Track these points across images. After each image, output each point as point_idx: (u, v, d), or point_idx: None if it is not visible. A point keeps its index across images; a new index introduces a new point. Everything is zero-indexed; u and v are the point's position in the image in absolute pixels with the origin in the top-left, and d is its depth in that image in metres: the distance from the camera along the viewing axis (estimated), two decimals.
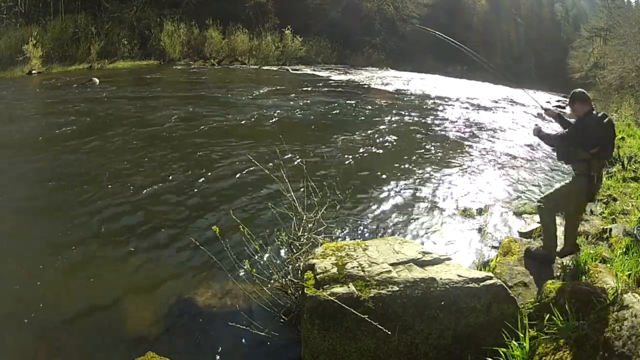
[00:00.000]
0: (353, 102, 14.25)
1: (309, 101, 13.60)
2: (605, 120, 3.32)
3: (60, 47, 18.90)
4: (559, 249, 3.83)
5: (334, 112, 12.10)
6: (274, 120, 10.37)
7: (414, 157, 8.07)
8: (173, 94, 13.13)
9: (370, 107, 13.44)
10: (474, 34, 35.43)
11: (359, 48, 31.22)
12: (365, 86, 19.32)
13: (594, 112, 3.43)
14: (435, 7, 35.71)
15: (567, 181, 3.75)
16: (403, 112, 13.00)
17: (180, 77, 17.79)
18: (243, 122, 9.91)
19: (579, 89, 3.63)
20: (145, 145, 7.50)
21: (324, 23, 30.07)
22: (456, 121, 12.43)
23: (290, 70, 23.47)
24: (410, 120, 11.82)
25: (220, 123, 9.61)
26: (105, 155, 6.86)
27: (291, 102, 13.15)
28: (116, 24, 21.94)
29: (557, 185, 3.87)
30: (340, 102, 13.81)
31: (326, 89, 17.20)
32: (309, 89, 16.68)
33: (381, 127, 10.55)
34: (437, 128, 11.14)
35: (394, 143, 9.05)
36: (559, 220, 4.00)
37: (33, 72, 16.22)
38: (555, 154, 3.84)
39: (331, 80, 20.35)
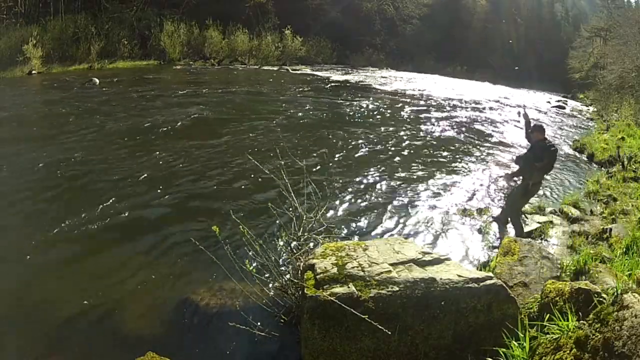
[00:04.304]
0: (352, 102, 14.25)
1: (308, 101, 13.60)
2: (552, 149, 4.63)
3: (60, 47, 18.87)
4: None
5: (333, 112, 12.10)
6: (273, 119, 10.36)
7: (414, 157, 8.08)
8: (174, 93, 13.11)
9: (370, 108, 13.43)
10: (474, 34, 35.42)
11: (359, 48, 31.19)
12: (365, 86, 19.32)
13: (546, 140, 4.73)
14: (435, 6, 35.68)
15: (517, 188, 5.05)
16: (403, 113, 13.01)
17: (181, 78, 17.78)
18: (243, 121, 9.91)
19: (540, 124, 5.07)
20: (143, 145, 7.51)
21: (324, 23, 30.03)
22: (456, 121, 12.44)
23: (290, 70, 23.46)
24: (410, 121, 11.82)
25: (220, 122, 9.61)
26: (102, 156, 6.87)
27: (290, 102, 13.15)
28: (116, 24, 21.91)
29: (512, 193, 5.19)
30: (339, 102, 13.81)
31: (326, 89, 17.20)
32: (309, 89, 16.67)
33: (381, 127, 10.55)
34: (437, 128, 11.14)
35: (394, 143, 9.05)
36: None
37: (33, 72, 16.20)
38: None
39: (331, 80, 20.34)
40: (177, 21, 23.69)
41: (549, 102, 20.97)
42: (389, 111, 13.01)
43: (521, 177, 4.96)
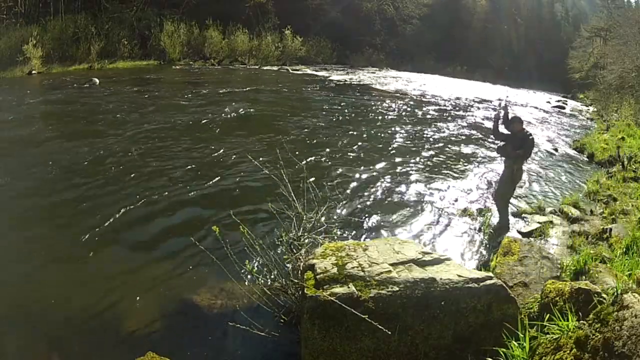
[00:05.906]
0: (352, 102, 14.25)
1: (308, 101, 13.60)
2: (530, 137, 5.04)
3: (60, 47, 18.83)
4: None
5: (332, 112, 12.09)
6: (273, 119, 10.36)
7: (415, 158, 8.07)
8: (174, 94, 13.11)
9: (369, 108, 13.43)
10: (474, 34, 35.42)
11: (359, 48, 31.17)
12: (365, 86, 19.31)
13: (525, 130, 5.10)
14: (435, 6, 35.69)
15: (502, 172, 5.37)
16: (403, 113, 13.01)
17: (183, 78, 17.76)
18: (244, 120, 9.91)
19: (518, 115, 5.45)
20: (147, 147, 7.50)
21: (324, 23, 30.02)
22: (457, 121, 12.43)
23: (290, 71, 23.45)
24: (411, 121, 11.81)
25: (221, 122, 9.60)
26: (100, 155, 6.86)
27: (290, 103, 13.15)
28: (116, 24, 21.89)
29: (499, 182, 5.46)
30: (339, 103, 13.80)
31: (326, 89, 17.19)
32: (309, 89, 16.67)
33: (381, 128, 10.55)
34: (437, 128, 11.13)
35: (394, 143, 9.04)
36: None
37: (33, 72, 16.18)
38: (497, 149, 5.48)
39: (331, 80, 20.34)
40: (177, 21, 23.66)
41: (549, 102, 20.97)
42: (387, 111, 13.01)
43: (504, 166, 5.32)
